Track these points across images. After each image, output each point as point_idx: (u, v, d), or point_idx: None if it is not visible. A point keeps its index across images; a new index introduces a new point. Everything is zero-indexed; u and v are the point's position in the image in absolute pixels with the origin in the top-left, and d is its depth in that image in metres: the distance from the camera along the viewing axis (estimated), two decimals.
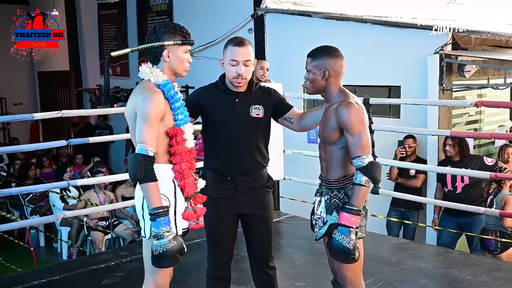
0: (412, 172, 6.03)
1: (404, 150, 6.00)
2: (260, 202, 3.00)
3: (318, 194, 2.83)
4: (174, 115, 2.63)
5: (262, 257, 3.05)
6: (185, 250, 2.58)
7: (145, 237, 2.64)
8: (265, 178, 3.04)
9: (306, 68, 2.79)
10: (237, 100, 2.91)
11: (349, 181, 2.67)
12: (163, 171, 2.57)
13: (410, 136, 6.03)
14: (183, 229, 2.69)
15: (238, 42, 2.88)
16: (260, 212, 2.99)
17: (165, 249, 2.48)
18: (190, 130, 2.69)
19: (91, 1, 11.75)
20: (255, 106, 2.92)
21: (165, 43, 2.66)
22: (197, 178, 2.77)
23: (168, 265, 2.59)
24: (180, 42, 2.68)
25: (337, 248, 2.56)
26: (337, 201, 2.69)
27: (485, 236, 5.19)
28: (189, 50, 2.74)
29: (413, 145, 6.05)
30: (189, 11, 9.34)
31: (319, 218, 2.76)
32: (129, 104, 2.62)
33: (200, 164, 3.17)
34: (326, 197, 2.74)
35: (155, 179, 2.49)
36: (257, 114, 2.92)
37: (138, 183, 2.53)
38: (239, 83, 2.87)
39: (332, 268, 2.91)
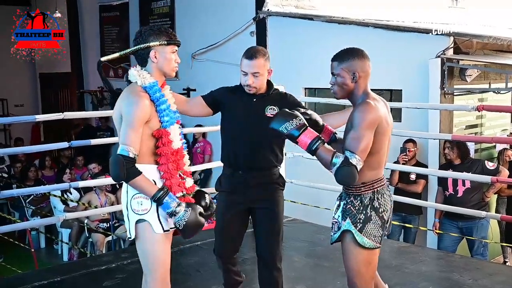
0: (413, 177, 6.02)
1: (406, 156, 6.00)
2: (270, 198, 3.11)
3: (338, 198, 2.81)
4: (159, 117, 2.68)
5: (269, 255, 3.12)
6: (205, 208, 2.74)
7: (130, 237, 2.70)
8: (276, 176, 3.17)
9: (332, 72, 2.73)
10: (254, 99, 3.10)
11: (367, 188, 2.62)
12: (148, 171, 2.63)
13: (410, 141, 6.03)
14: (170, 228, 2.70)
15: (249, 55, 3.06)
16: (269, 206, 3.10)
17: (187, 219, 2.59)
18: (176, 131, 2.75)
19: (93, 3, 11.76)
20: (271, 107, 3.09)
21: (151, 44, 2.71)
22: (184, 178, 2.81)
23: (198, 230, 2.69)
24: (166, 42, 2.74)
25: (278, 121, 2.60)
26: (351, 208, 2.65)
27: None
28: (176, 50, 2.82)
29: (413, 149, 6.04)
30: (191, 14, 9.36)
31: (336, 222, 2.75)
32: (116, 107, 2.68)
33: (201, 167, 3.24)
34: (343, 202, 2.72)
35: (140, 173, 2.57)
36: (272, 114, 3.00)
37: (124, 183, 2.63)
38: (250, 90, 3.08)
39: None
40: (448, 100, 6.10)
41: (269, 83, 3.18)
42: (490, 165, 5.60)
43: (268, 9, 7.91)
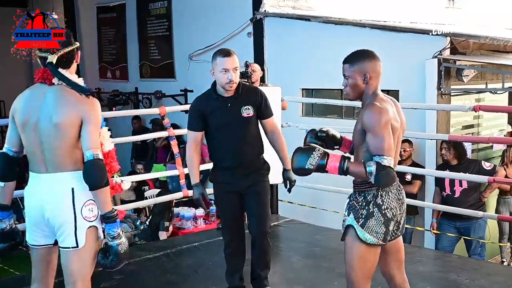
0: (408, 177, 6.00)
1: None
2: (256, 182, 3.47)
3: (349, 195, 2.84)
4: None
5: (258, 226, 3.48)
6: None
7: (76, 246, 2.60)
8: (261, 164, 3.52)
9: (344, 74, 2.78)
10: (229, 104, 3.36)
11: (371, 185, 2.63)
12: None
13: (405, 141, 6.01)
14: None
15: (226, 53, 3.36)
16: (255, 188, 3.46)
17: (126, 246, 2.60)
18: (106, 134, 2.84)
19: (91, 4, 11.76)
20: (245, 107, 3.38)
21: (77, 45, 2.86)
22: (121, 180, 2.83)
23: (128, 260, 2.73)
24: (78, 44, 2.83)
25: (300, 157, 2.64)
26: (355, 203, 2.69)
27: None
28: None
29: (409, 149, 6.04)
30: (188, 15, 9.36)
31: (344, 218, 2.77)
32: (72, 110, 2.61)
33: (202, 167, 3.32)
34: (350, 198, 2.76)
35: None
36: (248, 114, 3.38)
37: (69, 190, 2.55)
38: (231, 87, 3.33)
39: (387, 277, 2.91)
40: (445, 100, 6.11)
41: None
42: (487, 165, 5.61)
43: (265, 10, 7.92)
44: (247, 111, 3.38)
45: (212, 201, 7.41)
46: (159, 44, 10.05)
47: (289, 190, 3.66)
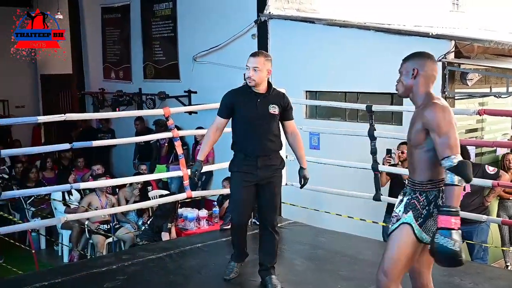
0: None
1: (391, 158, 5.98)
2: (273, 176, 3.81)
3: (402, 194, 2.87)
4: None
5: (269, 217, 3.83)
6: None
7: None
8: (279, 160, 3.88)
9: (399, 70, 2.90)
10: (259, 100, 3.76)
11: (433, 186, 2.69)
12: None
13: (404, 143, 6.01)
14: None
15: (254, 53, 3.79)
16: (270, 181, 3.80)
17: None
18: None
19: (95, 5, 11.78)
20: (272, 105, 3.78)
21: None
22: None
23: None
24: None
25: (442, 251, 2.55)
26: (416, 202, 2.72)
27: None
28: None
29: (406, 151, 6.01)
30: (193, 16, 9.37)
31: (395, 215, 2.81)
32: None
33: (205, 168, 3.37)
34: (408, 197, 2.78)
35: None
36: (273, 111, 3.78)
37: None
38: (249, 82, 3.73)
39: (415, 274, 2.95)
40: (449, 104, 6.06)
41: (269, 84, 3.83)
42: (490, 170, 5.60)
43: (269, 12, 7.93)
44: (274, 109, 3.77)
45: (215, 203, 7.47)
46: (163, 45, 10.07)
47: (302, 187, 4.01)
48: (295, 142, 3.94)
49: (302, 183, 3.97)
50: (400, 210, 2.79)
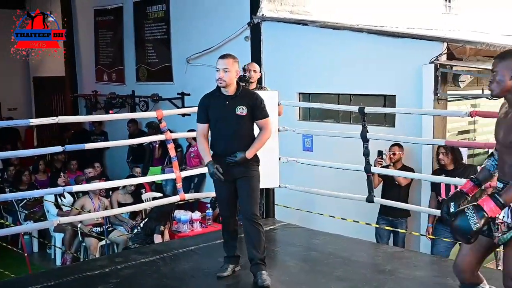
0: (399, 181, 6.01)
1: (382, 159, 6.00)
2: (246, 170, 3.94)
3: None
4: None
5: (248, 209, 3.92)
6: None
7: None
8: (253, 156, 3.96)
9: (492, 70, 2.78)
10: (227, 102, 3.92)
11: None
12: None
13: (396, 144, 6.03)
14: None
15: (222, 56, 3.95)
16: (246, 175, 3.93)
17: None
18: None
19: (88, 7, 11.75)
20: (240, 107, 3.90)
21: None
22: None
23: None
24: None
25: (461, 223, 2.56)
26: None
27: None
28: None
29: (398, 153, 6.04)
30: (186, 19, 9.37)
31: (502, 222, 2.74)
32: None
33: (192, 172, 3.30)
34: None
35: None
36: (241, 113, 3.90)
37: None
38: (220, 83, 3.88)
39: (461, 274, 2.96)
40: (441, 105, 6.13)
41: (237, 85, 3.98)
42: None
43: (262, 14, 7.92)
44: (241, 110, 3.90)
45: (208, 205, 7.46)
46: (156, 47, 10.06)
47: (229, 160, 3.88)
48: (258, 135, 3.97)
49: (229, 159, 3.88)
50: (504, 216, 2.72)
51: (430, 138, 6.03)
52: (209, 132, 4.02)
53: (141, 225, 6.86)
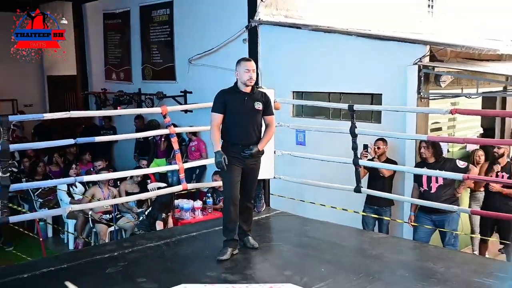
0: (383, 172, 6.03)
1: (367, 153, 6.02)
2: (255, 161, 4.24)
3: None
4: None
5: (248, 194, 4.29)
6: None
7: None
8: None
9: None
10: (246, 98, 4.15)
11: None
12: None
13: (380, 139, 6.05)
14: None
15: (247, 59, 4.22)
16: (254, 165, 4.25)
17: None
18: None
19: (98, 11, 11.72)
20: (257, 102, 4.18)
21: None
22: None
23: None
24: None
25: None
26: None
27: None
28: None
29: (382, 147, 6.06)
30: (188, 22, 9.35)
31: None
32: None
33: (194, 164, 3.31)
34: None
35: None
36: (258, 107, 4.18)
37: None
38: (251, 83, 4.13)
39: None
40: (424, 104, 6.14)
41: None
42: (461, 164, 5.64)
43: (259, 18, 7.91)
44: (258, 106, 4.17)
45: (209, 194, 7.46)
46: (161, 48, 10.04)
47: (244, 154, 4.14)
48: (266, 130, 4.26)
49: (246, 152, 4.13)
50: None
51: (413, 134, 6.04)
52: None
53: (146, 213, 6.87)
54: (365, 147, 6.01)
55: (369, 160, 5.93)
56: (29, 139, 11.15)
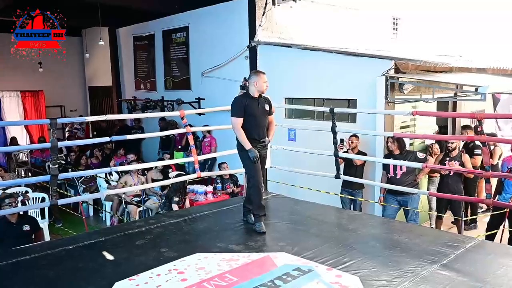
0: (356, 162, 6.00)
1: (343, 145, 5.98)
2: (266, 151, 4.36)
3: None
4: None
5: (262, 178, 4.25)
6: None
7: None
8: (268, 141, 4.33)
9: None
10: (258, 101, 4.20)
11: None
12: None
13: (354, 135, 6.02)
14: None
15: (262, 71, 4.28)
16: (264, 156, 4.33)
17: None
18: None
19: (129, 34, 11.67)
20: (266, 105, 4.25)
21: None
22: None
23: None
24: None
25: None
26: None
27: None
28: None
29: (355, 141, 6.03)
30: (201, 43, 9.31)
31: None
32: None
33: (208, 156, 3.25)
34: None
35: None
36: (267, 109, 4.24)
37: None
38: (266, 91, 4.22)
39: None
40: (390, 107, 6.10)
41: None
42: (420, 155, 5.62)
43: (258, 39, 7.89)
44: (268, 108, 4.24)
45: (218, 181, 7.41)
46: (179, 64, 9.99)
47: (261, 145, 4.21)
48: (270, 127, 4.31)
49: (262, 144, 4.21)
50: None
51: (382, 131, 6.01)
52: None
53: (163, 197, 6.84)
54: (341, 141, 5.98)
55: (344, 152, 5.90)
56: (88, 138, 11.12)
